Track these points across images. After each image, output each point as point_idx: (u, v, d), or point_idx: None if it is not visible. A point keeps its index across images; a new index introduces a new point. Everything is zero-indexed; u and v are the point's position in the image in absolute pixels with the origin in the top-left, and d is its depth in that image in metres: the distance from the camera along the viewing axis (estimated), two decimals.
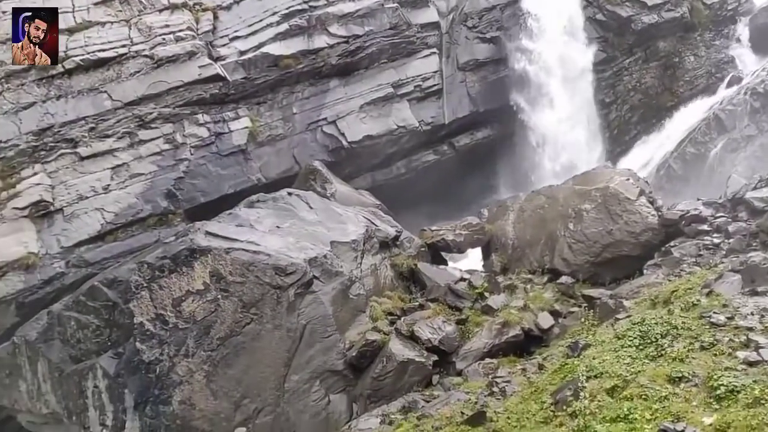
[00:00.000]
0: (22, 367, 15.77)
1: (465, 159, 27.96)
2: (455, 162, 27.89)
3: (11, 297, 20.78)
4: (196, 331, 14.64)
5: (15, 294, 20.82)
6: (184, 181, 23.43)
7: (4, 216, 21.59)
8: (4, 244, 21.19)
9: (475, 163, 27.96)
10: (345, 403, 15.08)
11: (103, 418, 14.37)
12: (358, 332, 15.83)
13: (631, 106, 29.19)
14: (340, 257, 16.68)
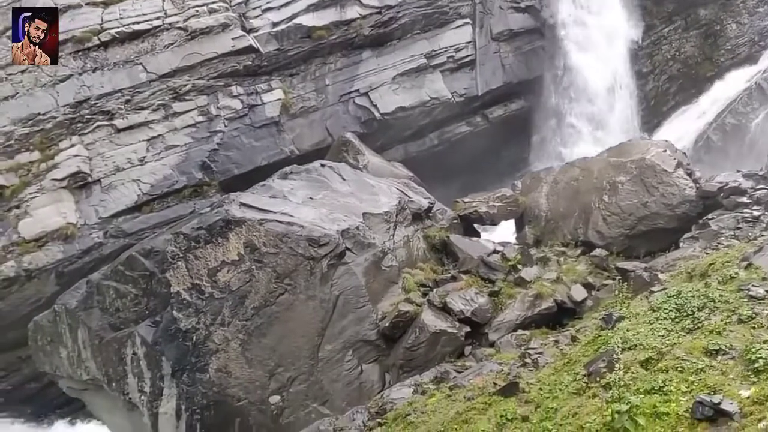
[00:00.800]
0: (62, 335, 16.12)
1: (498, 131, 27.73)
2: (488, 134, 27.68)
3: (51, 266, 21.28)
4: (231, 300, 14.79)
5: (55, 263, 21.32)
6: (218, 153, 23.65)
7: (44, 187, 22.05)
8: (44, 214, 21.68)
9: (509, 135, 27.72)
10: (377, 373, 15.22)
11: (142, 385, 14.65)
12: (391, 303, 15.90)
13: (670, 76, 28.61)
14: (373, 229, 16.71)
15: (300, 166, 18.71)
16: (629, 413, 7.24)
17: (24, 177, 22.32)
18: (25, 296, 21.18)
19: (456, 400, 11.05)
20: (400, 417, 11.43)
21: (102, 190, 22.51)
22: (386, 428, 11.39)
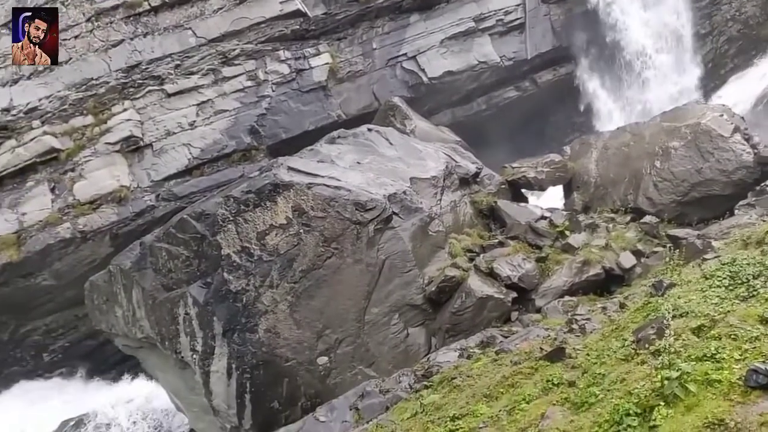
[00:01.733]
0: (117, 294, 16.56)
1: (547, 95, 27.26)
2: (537, 98, 27.24)
3: (106, 228, 21.89)
4: (279, 263, 14.98)
5: (109, 225, 21.92)
6: (267, 118, 23.82)
7: (98, 150, 22.58)
8: (99, 177, 22.24)
9: (558, 100, 27.23)
10: (423, 337, 15.33)
11: (194, 344, 14.99)
12: (437, 268, 15.93)
13: (729, 37, 27.57)
14: (420, 193, 16.69)
15: (347, 131, 18.74)
16: (680, 380, 7.16)
17: (78, 141, 22.90)
18: (81, 257, 21.88)
19: (502, 365, 11.07)
20: (446, 380, 11.52)
21: (154, 153, 22.96)
22: (432, 391, 11.49)
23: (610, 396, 7.99)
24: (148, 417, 19.28)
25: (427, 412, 10.52)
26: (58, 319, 22.80)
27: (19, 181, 23.05)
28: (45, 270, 21.84)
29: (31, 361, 22.85)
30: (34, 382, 22.82)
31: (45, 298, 22.34)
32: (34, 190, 22.72)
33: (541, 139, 26.63)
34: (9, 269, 21.68)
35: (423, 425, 10.03)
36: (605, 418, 7.54)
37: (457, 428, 9.28)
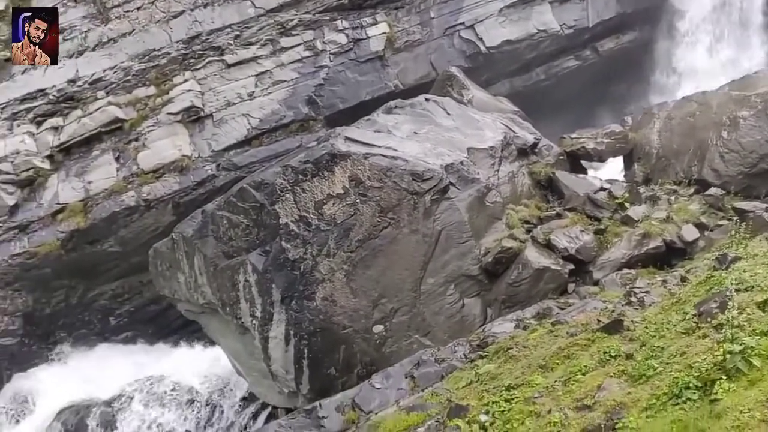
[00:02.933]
0: (180, 261, 17.00)
1: (609, 64, 26.57)
2: (598, 68, 26.59)
3: (168, 197, 22.46)
4: (336, 233, 15.12)
5: (171, 194, 22.49)
6: (324, 88, 23.92)
7: (160, 121, 23.11)
8: (162, 147, 22.79)
9: (620, 69, 26.52)
10: (479, 307, 15.35)
11: (253, 310, 15.34)
12: (494, 239, 15.86)
13: None
14: (477, 164, 16.58)
15: (404, 101, 18.67)
16: (743, 354, 7.03)
17: (142, 111, 23.47)
18: (145, 224, 22.55)
19: (558, 336, 11.04)
20: (501, 350, 11.55)
21: (214, 124, 23.36)
22: (487, 360, 11.54)
23: (669, 369, 7.90)
24: (208, 380, 19.87)
25: (482, 382, 10.59)
26: (124, 284, 23.60)
27: (85, 151, 23.82)
28: (111, 237, 22.60)
29: (98, 324, 23.76)
30: (100, 345, 23.74)
31: (111, 264, 23.14)
32: (99, 159, 23.46)
33: (602, 109, 26.03)
34: (77, 236, 22.50)
35: (478, 394, 10.10)
36: (664, 391, 7.48)
37: (512, 398, 9.33)
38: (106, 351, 23.42)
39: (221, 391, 19.43)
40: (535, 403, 8.85)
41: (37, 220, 22.82)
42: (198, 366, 20.55)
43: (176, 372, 20.48)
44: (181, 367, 20.67)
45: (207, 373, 20.11)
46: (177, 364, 20.97)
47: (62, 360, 23.15)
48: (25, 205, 23.15)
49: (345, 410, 12.26)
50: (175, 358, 21.60)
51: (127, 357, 22.81)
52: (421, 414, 10.39)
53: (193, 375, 20.20)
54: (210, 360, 20.27)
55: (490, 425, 8.80)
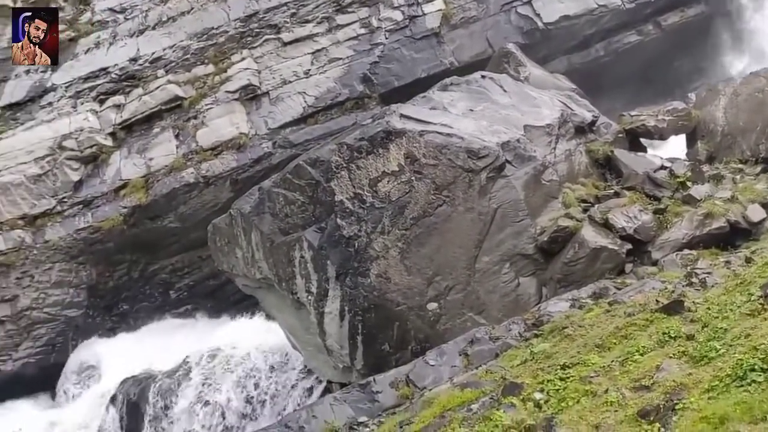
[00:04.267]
0: (238, 237, 17.29)
1: (672, 40, 25.79)
2: (661, 43, 25.83)
3: (226, 174, 22.86)
4: (391, 210, 15.15)
5: (229, 171, 22.87)
6: (379, 66, 23.90)
7: (218, 99, 23.47)
8: (220, 124, 23.17)
9: (684, 44, 25.71)
10: (534, 286, 15.23)
11: (309, 286, 15.54)
12: (550, 218, 15.67)
13: None
14: (534, 142, 16.37)
15: (460, 78, 18.49)
16: None
17: (200, 89, 23.87)
18: (203, 201, 23.02)
19: (615, 316, 10.89)
20: (557, 329, 11.46)
21: (270, 102, 23.60)
22: (542, 339, 11.48)
23: (733, 351, 7.73)
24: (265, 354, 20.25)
25: (537, 360, 10.54)
26: (183, 259, 24.17)
27: (146, 128, 24.39)
28: (171, 213, 23.14)
29: (159, 297, 24.43)
30: (161, 318, 24.42)
31: (171, 239, 23.73)
32: (159, 136, 23.99)
33: (663, 86, 25.34)
34: (138, 211, 23.12)
35: (533, 372, 10.06)
36: (726, 373, 7.33)
37: (567, 377, 9.26)
38: (166, 323, 24.07)
39: (277, 364, 19.78)
40: (591, 382, 8.78)
41: (100, 196, 23.52)
42: (255, 340, 20.92)
43: (233, 345, 20.90)
44: (239, 341, 21.07)
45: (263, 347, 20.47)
46: (234, 338, 21.38)
47: (125, 331, 23.90)
48: (89, 181, 23.87)
49: (399, 386, 12.37)
50: (232, 332, 22.00)
51: (187, 330, 23.39)
52: (475, 391, 10.40)
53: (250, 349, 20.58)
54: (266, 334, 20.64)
55: (545, 403, 8.76)
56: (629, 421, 7.42)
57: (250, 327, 22.03)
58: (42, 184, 23.66)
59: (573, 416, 8.02)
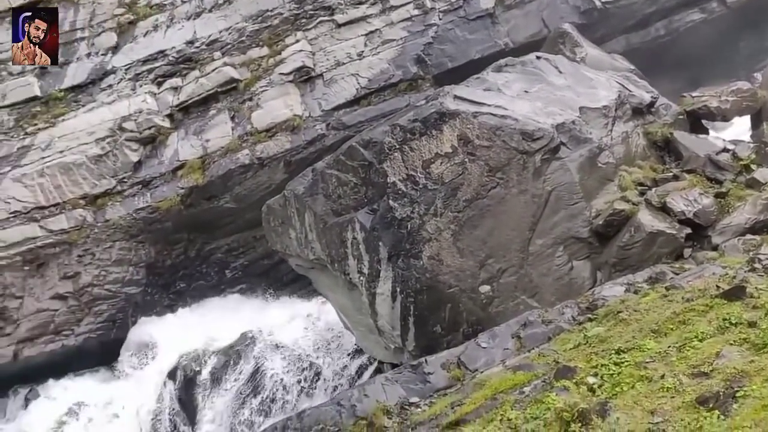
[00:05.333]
0: (291, 218, 17.51)
1: (738, 17, 24.86)
2: (725, 21, 24.93)
3: (280, 155, 23.07)
4: (444, 192, 15.12)
5: (283, 153, 23.09)
6: (433, 47, 23.73)
7: (273, 81, 23.66)
8: (274, 106, 23.36)
9: (751, 22, 24.78)
10: (588, 270, 15.04)
11: (361, 267, 15.66)
12: (605, 201, 15.44)
13: None
14: (590, 123, 16.11)
15: (515, 59, 18.28)
16: None
17: (255, 71, 24.09)
18: (258, 182, 23.30)
19: (672, 301, 10.69)
20: (611, 313, 11.31)
21: (324, 84, 23.68)
22: (596, 323, 11.34)
23: None
24: (318, 334, 20.53)
25: (590, 344, 10.43)
26: (238, 239, 24.55)
27: (203, 110, 24.76)
28: (226, 193, 23.51)
29: (215, 276, 24.89)
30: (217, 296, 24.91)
31: (227, 219, 24.12)
32: (216, 118, 24.34)
33: (727, 66, 24.48)
34: (195, 191, 23.55)
35: (586, 356, 9.96)
36: None
37: (622, 361, 9.14)
38: (222, 302, 24.52)
39: (330, 344, 20.05)
40: (646, 367, 8.65)
41: (158, 176, 24.03)
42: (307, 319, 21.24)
43: (287, 324, 21.26)
44: (292, 320, 21.42)
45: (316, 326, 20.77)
46: (288, 317, 21.74)
47: (182, 309, 24.46)
48: (148, 162, 24.39)
49: (450, 367, 12.40)
50: (286, 311, 22.36)
51: (242, 308, 23.80)
52: (528, 374, 10.38)
53: (303, 328, 20.91)
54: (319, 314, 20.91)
55: (599, 387, 8.67)
56: (687, 407, 7.29)
57: (303, 306, 22.33)
58: (102, 165, 24.28)
59: (628, 401, 7.92)
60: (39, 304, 23.38)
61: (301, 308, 22.17)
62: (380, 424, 11.27)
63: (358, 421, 11.69)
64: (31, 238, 23.49)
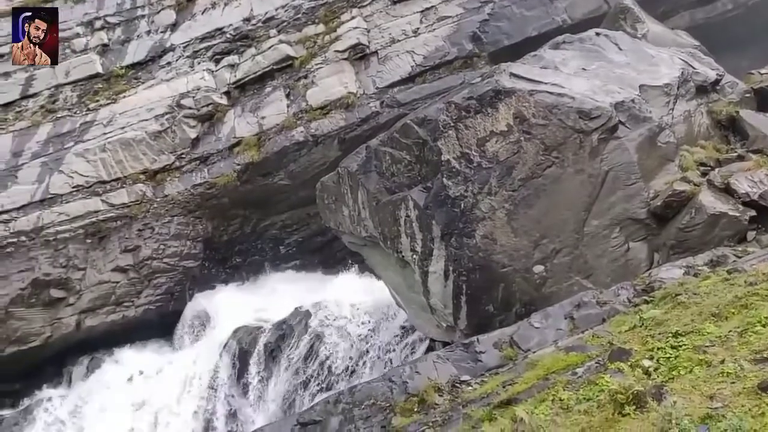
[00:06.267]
0: (344, 195, 17.62)
1: None
2: None
3: (335, 132, 23.19)
4: (498, 171, 14.98)
5: (338, 130, 23.19)
6: (489, 24, 23.42)
7: (328, 58, 23.73)
8: (329, 84, 23.44)
9: None
10: (645, 252, 14.74)
11: (414, 245, 15.67)
12: (665, 182, 15.05)
13: None
14: (650, 102, 15.68)
15: (573, 36, 17.89)
16: None
17: (310, 49, 24.20)
18: (312, 159, 23.50)
19: (734, 285, 10.38)
20: (669, 296, 11.06)
21: (379, 61, 23.64)
22: (653, 306, 11.11)
23: None
24: (370, 311, 20.68)
25: (646, 327, 10.23)
26: (293, 216, 24.86)
27: (259, 87, 25.04)
28: (281, 170, 23.79)
29: (269, 252, 25.30)
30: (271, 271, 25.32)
31: (281, 196, 24.43)
32: (271, 95, 24.58)
33: None
34: (251, 168, 23.90)
35: (642, 339, 9.78)
36: None
37: (679, 345, 8.94)
38: (276, 277, 24.93)
39: (381, 321, 20.18)
40: (705, 352, 8.44)
41: (215, 153, 24.45)
42: (360, 296, 21.40)
43: (339, 300, 21.44)
44: (344, 297, 21.59)
45: (368, 303, 20.92)
46: (340, 293, 21.92)
47: (237, 283, 24.95)
48: (206, 138, 24.83)
49: (502, 347, 12.34)
50: (338, 288, 22.55)
51: (296, 284, 24.14)
52: (581, 355, 10.26)
53: (356, 305, 21.08)
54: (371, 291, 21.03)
55: (655, 371, 8.50)
56: (748, 393, 7.11)
57: (355, 283, 22.50)
58: (162, 141, 24.81)
59: (685, 385, 7.77)
60: (101, 275, 24.15)
61: (354, 285, 22.34)
62: (431, 401, 11.32)
63: (409, 398, 11.75)
64: (93, 211, 24.24)
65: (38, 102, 26.64)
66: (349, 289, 22.11)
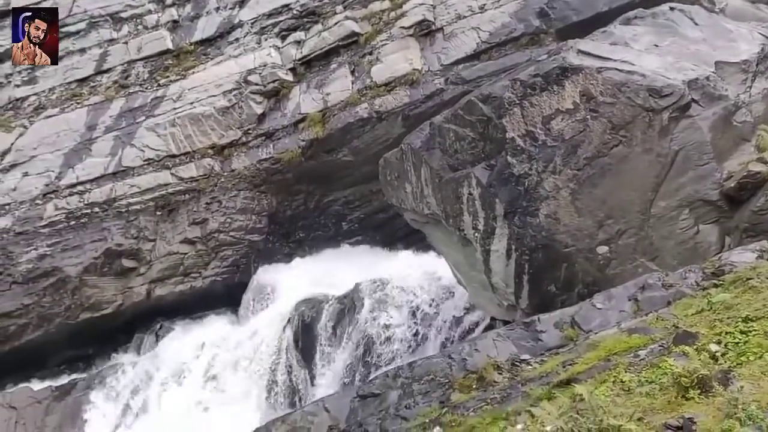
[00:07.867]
0: (407, 172, 17.64)
1: None
2: None
3: (399, 109, 23.20)
4: (563, 149, 14.73)
5: (402, 107, 23.19)
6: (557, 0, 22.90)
7: (393, 35, 23.68)
8: (394, 60, 23.42)
9: None
10: (716, 235, 14.30)
11: (476, 223, 15.61)
12: (740, 162, 14.52)
13: None
14: (726, 79, 15.10)
15: (645, 11, 17.32)
16: None
17: (376, 25, 24.19)
18: (376, 135, 23.59)
19: None
20: (740, 280, 10.74)
21: (444, 38, 23.46)
22: (722, 290, 10.81)
23: None
24: (431, 288, 20.75)
25: (715, 311, 9.99)
26: (355, 192, 25.06)
27: (324, 64, 25.21)
28: (345, 146, 23.97)
29: (332, 227, 25.61)
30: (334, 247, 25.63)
31: (344, 172, 24.64)
32: (336, 72, 24.71)
33: None
34: (315, 144, 24.16)
35: (709, 323, 9.56)
36: None
37: (749, 330, 8.71)
38: (338, 252, 25.23)
39: (442, 298, 20.24)
40: None
41: (281, 129, 24.80)
42: (422, 274, 21.48)
43: (402, 277, 21.57)
44: (406, 273, 21.70)
45: (430, 280, 20.98)
46: (402, 270, 22.04)
47: (300, 257, 25.36)
48: (271, 114, 25.20)
49: (563, 327, 12.23)
50: (400, 264, 22.68)
51: (358, 259, 24.39)
52: (644, 337, 10.09)
53: (417, 281, 21.18)
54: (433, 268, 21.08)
55: (722, 356, 8.31)
56: None
57: (417, 260, 22.58)
58: (229, 116, 25.29)
59: (754, 371, 7.58)
60: (170, 247, 24.91)
61: (415, 262, 22.43)
62: (490, 378, 11.33)
63: (468, 375, 11.79)
64: (163, 184, 24.97)
65: (111, 77, 27.50)
66: (411, 266, 22.21)
